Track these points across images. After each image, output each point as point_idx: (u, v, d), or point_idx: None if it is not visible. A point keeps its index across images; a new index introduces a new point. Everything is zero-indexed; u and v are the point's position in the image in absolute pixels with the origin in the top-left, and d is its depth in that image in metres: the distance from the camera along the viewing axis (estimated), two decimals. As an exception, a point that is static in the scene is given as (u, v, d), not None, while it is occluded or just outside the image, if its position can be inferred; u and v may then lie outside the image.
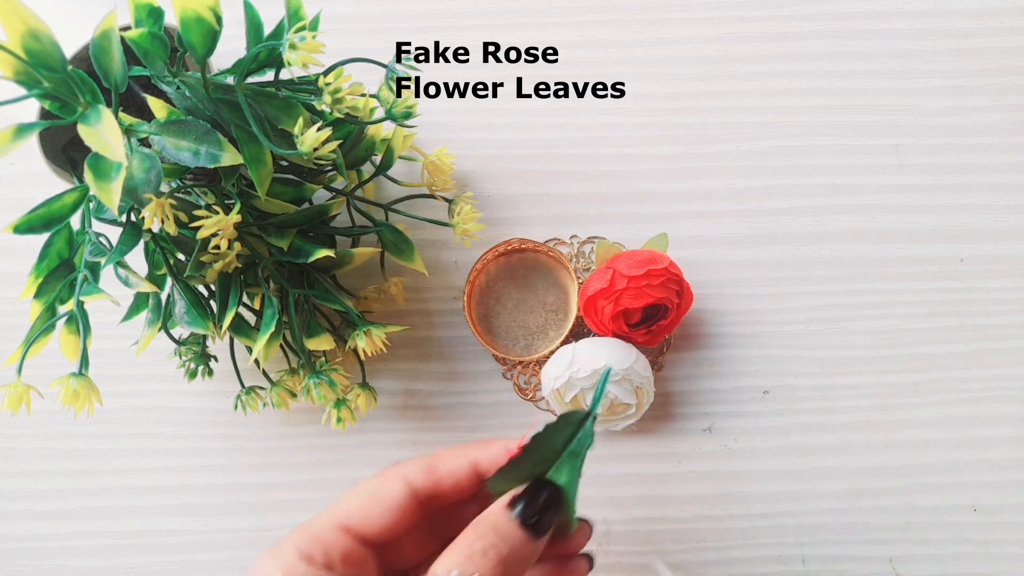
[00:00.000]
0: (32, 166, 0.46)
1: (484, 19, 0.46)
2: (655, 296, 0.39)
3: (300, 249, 0.36)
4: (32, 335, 0.32)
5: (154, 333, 0.36)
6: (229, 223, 0.32)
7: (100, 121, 0.26)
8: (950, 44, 0.46)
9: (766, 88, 0.46)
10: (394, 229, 0.40)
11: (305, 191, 0.36)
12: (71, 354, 0.33)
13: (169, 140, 0.29)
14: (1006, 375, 0.45)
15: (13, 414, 0.32)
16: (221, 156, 0.29)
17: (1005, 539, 0.44)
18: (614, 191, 0.45)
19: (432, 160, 0.40)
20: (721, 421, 0.45)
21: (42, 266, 0.33)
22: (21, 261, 0.45)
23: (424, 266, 0.41)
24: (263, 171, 0.32)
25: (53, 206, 0.31)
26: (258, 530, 0.44)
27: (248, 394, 0.40)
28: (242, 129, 0.31)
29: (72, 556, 0.45)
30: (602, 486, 0.44)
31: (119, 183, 0.26)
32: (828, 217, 0.45)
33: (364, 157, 0.38)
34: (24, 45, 0.26)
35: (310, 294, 0.37)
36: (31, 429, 0.45)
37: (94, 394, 0.32)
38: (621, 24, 0.46)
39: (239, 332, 0.37)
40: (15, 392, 0.32)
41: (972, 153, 0.46)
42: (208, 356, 0.40)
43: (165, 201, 0.30)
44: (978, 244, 0.45)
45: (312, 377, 0.37)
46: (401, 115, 0.33)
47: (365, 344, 0.37)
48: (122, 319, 0.38)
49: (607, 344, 0.40)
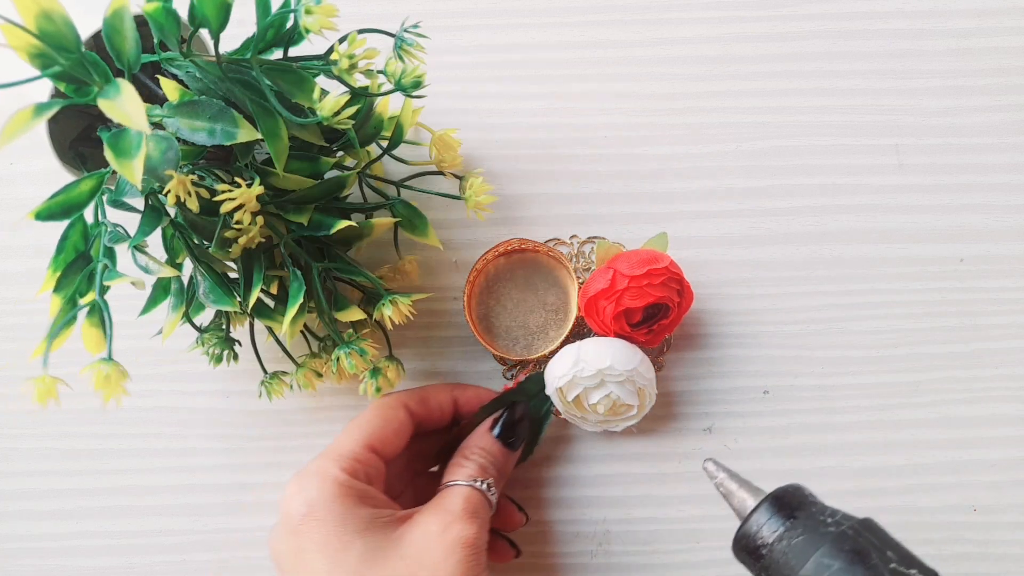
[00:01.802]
0: (32, 166, 0.46)
1: (484, 19, 0.46)
2: (656, 295, 0.39)
3: (320, 223, 0.36)
4: (55, 328, 0.32)
5: (178, 317, 0.36)
6: (252, 195, 0.32)
7: (120, 94, 0.26)
8: (950, 44, 0.46)
9: (766, 88, 0.46)
10: (407, 204, 0.40)
11: (320, 165, 0.36)
12: (94, 347, 0.32)
13: (183, 121, 0.29)
14: (1006, 375, 0.45)
15: (42, 407, 0.31)
16: (237, 133, 0.29)
17: (1005, 539, 0.44)
18: (614, 191, 0.45)
19: (441, 136, 0.40)
20: (721, 421, 0.45)
21: (59, 259, 0.33)
22: (21, 261, 0.45)
23: (438, 240, 0.41)
24: (279, 145, 0.32)
25: (71, 193, 0.31)
26: (258, 530, 0.45)
27: (272, 379, 0.40)
28: (258, 104, 0.31)
29: (72, 556, 0.45)
30: (602, 486, 0.44)
31: (140, 159, 0.26)
32: (828, 217, 0.45)
33: (373, 135, 0.38)
34: (38, 26, 0.26)
35: (333, 267, 0.37)
36: (31, 429, 0.45)
37: (124, 379, 0.32)
38: (621, 24, 0.46)
39: (261, 315, 0.38)
40: (43, 385, 0.31)
41: (972, 153, 0.46)
42: (232, 340, 0.40)
43: (186, 178, 0.30)
44: (978, 244, 0.45)
45: (343, 347, 0.37)
46: (410, 85, 0.33)
47: (392, 312, 0.37)
48: (140, 313, 0.37)
49: (611, 345, 0.40)
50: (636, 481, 0.44)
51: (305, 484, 0.34)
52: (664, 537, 0.44)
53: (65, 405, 0.44)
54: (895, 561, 0.27)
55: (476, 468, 0.37)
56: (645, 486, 0.44)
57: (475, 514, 0.35)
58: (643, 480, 0.44)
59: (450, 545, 0.34)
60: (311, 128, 0.34)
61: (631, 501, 0.44)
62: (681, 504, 0.44)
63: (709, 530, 0.44)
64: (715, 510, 0.44)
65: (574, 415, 0.42)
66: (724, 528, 0.44)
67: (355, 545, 0.33)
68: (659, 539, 0.44)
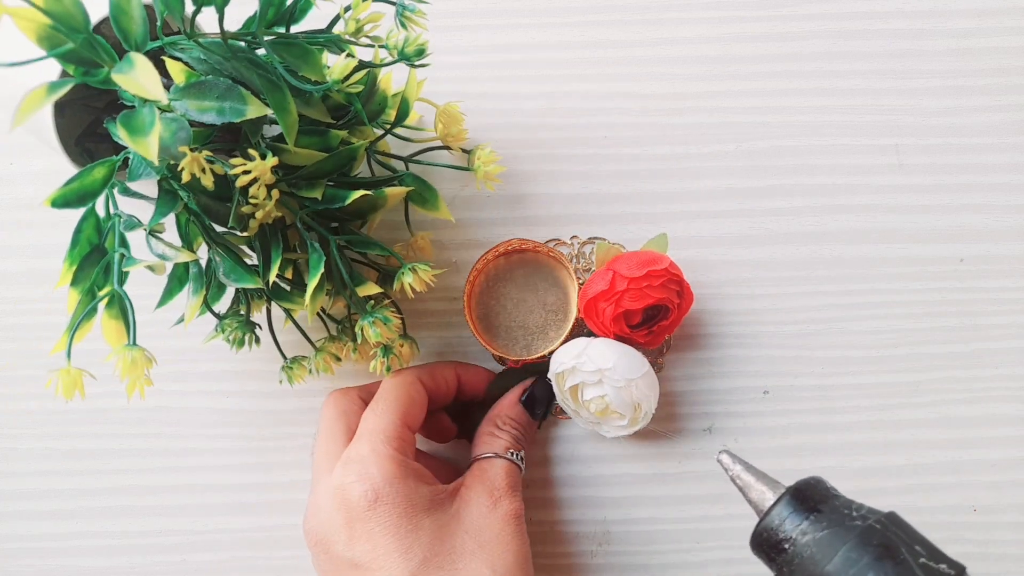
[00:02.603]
0: (32, 166, 0.46)
1: (484, 19, 0.46)
2: (656, 297, 0.39)
3: (334, 196, 0.36)
4: (75, 321, 0.32)
5: (199, 301, 0.36)
6: (266, 167, 0.32)
7: (134, 67, 0.26)
8: (950, 44, 0.46)
9: (766, 88, 0.46)
10: (416, 177, 0.40)
11: (330, 139, 0.36)
12: (114, 339, 0.33)
13: (192, 103, 0.29)
14: (1006, 375, 0.45)
15: (67, 400, 0.31)
16: (246, 109, 0.29)
17: (1005, 539, 0.44)
18: (614, 191, 0.45)
19: (445, 109, 0.39)
20: (721, 421, 0.45)
21: (74, 253, 0.33)
22: (21, 261, 0.45)
23: (449, 212, 0.40)
24: (289, 119, 0.32)
25: (85, 180, 0.31)
26: (258, 530, 0.45)
27: (293, 363, 0.40)
28: (265, 79, 0.31)
29: (72, 556, 0.45)
30: (602, 486, 0.44)
31: (155, 135, 0.27)
32: (828, 217, 0.45)
33: (378, 111, 0.38)
34: (46, 6, 0.26)
35: (349, 238, 0.38)
36: (31, 429, 0.45)
37: (149, 365, 0.32)
38: (621, 24, 0.46)
39: (279, 297, 0.38)
40: (69, 377, 0.31)
41: (972, 153, 0.46)
42: (253, 324, 0.40)
43: (200, 155, 0.30)
44: (978, 244, 0.45)
45: (366, 317, 0.37)
46: (414, 53, 0.33)
47: (412, 280, 0.37)
48: (156, 306, 0.37)
49: (621, 349, 0.40)
50: (636, 481, 0.44)
51: (365, 470, 0.35)
52: (664, 537, 0.44)
53: (65, 405, 0.45)
54: (924, 556, 0.27)
55: (510, 439, 0.40)
56: (645, 486, 0.44)
57: (516, 487, 0.39)
58: (643, 480, 0.44)
59: (503, 519, 0.37)
60: (317, 105, 0.34)
61: (631, 501, 0.44)
62: (681, 504, 0.44)
63: (709, 530, 0.44)
64: (715, 510, 0.44)
65: (568, 406, 0.42)
66: (724, 528, 0.44)
67: (424, 524, 0.35)
68: (659, 539, 0.44)
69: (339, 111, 0.37)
